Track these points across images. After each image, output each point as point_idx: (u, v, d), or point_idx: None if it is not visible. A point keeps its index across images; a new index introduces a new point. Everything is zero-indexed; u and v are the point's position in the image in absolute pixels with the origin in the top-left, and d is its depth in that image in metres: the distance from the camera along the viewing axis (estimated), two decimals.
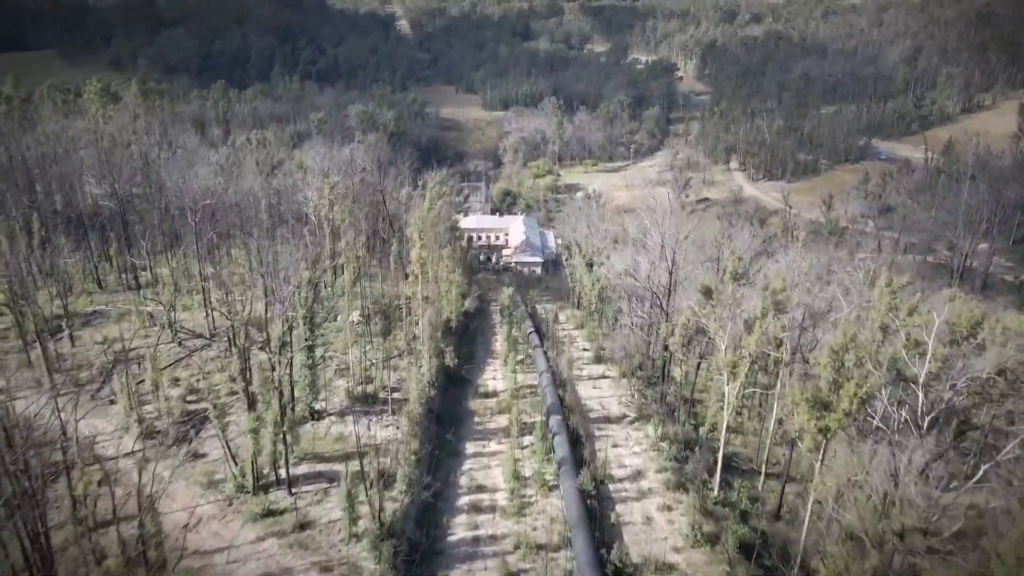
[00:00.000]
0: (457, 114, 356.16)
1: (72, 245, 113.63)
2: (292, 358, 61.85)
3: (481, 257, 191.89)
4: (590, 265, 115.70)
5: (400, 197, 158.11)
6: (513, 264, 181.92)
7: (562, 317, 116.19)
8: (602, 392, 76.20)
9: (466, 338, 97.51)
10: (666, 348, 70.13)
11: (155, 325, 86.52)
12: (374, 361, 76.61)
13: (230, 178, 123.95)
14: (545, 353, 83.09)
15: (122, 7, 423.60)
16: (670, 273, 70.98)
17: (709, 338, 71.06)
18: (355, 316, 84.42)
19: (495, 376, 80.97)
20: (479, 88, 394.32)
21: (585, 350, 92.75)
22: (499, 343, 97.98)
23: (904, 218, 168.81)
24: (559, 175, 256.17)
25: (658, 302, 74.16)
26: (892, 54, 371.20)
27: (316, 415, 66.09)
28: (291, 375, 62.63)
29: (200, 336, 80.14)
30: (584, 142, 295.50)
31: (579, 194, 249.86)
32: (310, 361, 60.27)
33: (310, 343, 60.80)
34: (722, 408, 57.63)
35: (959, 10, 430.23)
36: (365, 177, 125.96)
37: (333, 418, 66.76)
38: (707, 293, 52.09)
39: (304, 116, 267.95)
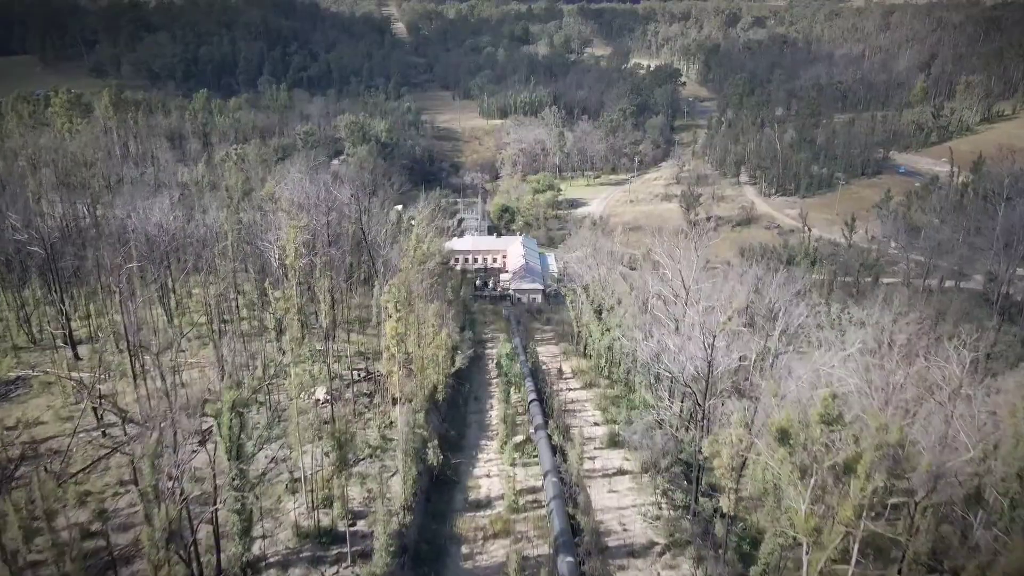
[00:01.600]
0: (453, 123, 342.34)
1: (16, 283, 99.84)
2: (216, 509, 47.70)
3: (477, 282, 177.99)
4: (599, 312, 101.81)
5: (386, 222, 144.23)
6: (511, 292, 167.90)
7: (567, 368, 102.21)
8: (621, 499, 61.85)
9: (456, 409, 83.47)
10: (703, 457, 56.41)
11: (83, 399, 72.57)
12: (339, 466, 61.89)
13: (191, 211, 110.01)
14: (550, 437, 69.13)
15: (106, 11, 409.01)
16: (709, 364, 56.92)
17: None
18: (320, 393, 70.51)
19: (490, 472, 66.90)
20: (476, 95, 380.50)
21: (596, 424, 78.79)
22: (495, 412, 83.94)
23: (938, 244, 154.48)
24: (560, 190, 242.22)
25: (689, 391, 59.47)
26: (903, 60, 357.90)
27: (250, 569, 50.61)
28: (215, 523, 48.34)
29: (132, 421, 66.23)
30: (586, 153, 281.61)
31: (582, 211, 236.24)
32: (239, 505, 45.72)
33: (237, 486, 45.84)
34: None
35: (967, 13, 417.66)
36: (342, 208, 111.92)
37: (273, 573, 51.28)
38: (783, 438, 38.55)
39: (291, 127, 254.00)
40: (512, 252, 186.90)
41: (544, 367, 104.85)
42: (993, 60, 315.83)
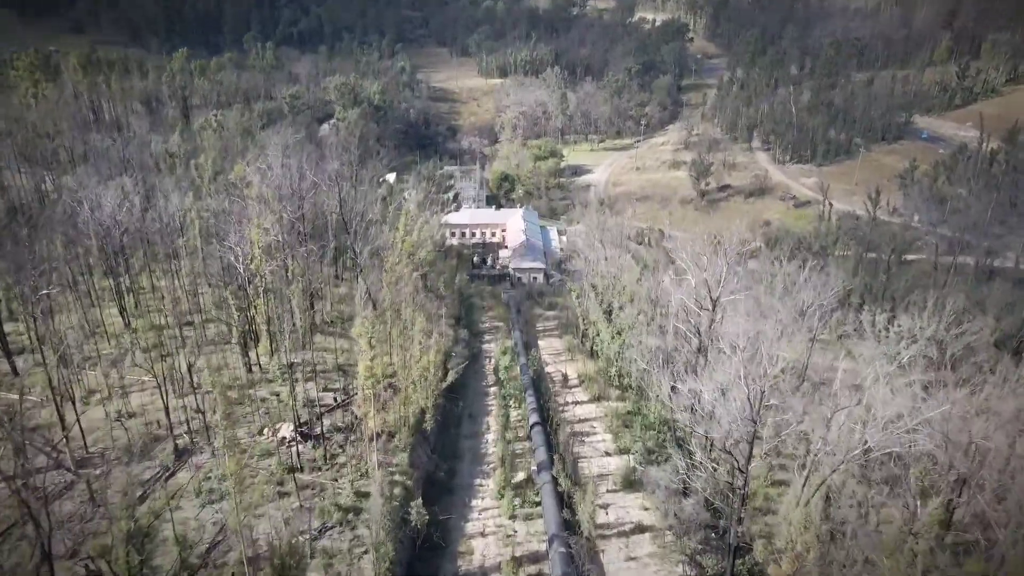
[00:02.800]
0: (450, 82, 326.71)
1: None
2: None
3: (475, 259, 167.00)
4: (608, 312, 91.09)
5: (376, 198, 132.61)
6: (511, 271, 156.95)
7: (572, 372, 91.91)
8: (641, 570, 51.66)
9: (447, 434, 73.07)
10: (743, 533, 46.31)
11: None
12: (302, 536, 50.78)
13: (152, 197, 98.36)
14: (555, 481, 58.80)
15: None
16: (754, 422, 45.89)
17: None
18: (285, 431, 60.18)
19: (485, 528, 56.40)
20: (475, 52, 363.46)
21: (608, 455, 68.56)
22: (492, 436, 73.67)
23: (973, 224, 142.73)
24: (562, 156, 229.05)
25: (728, 455, 48.23)
26: (923, 15, 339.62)
27: None
28: None
29: (61, 466, 55.90)
30: (589, 116, 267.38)
31: (585, 179, 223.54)
32: None
33: None
34: None
35: None
36: (328, 184, 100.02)
37: None
38: None
39: (278, 89, 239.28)
40: (512, 226, 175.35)
41: (547, 370, 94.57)
42: (1020, 15, 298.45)
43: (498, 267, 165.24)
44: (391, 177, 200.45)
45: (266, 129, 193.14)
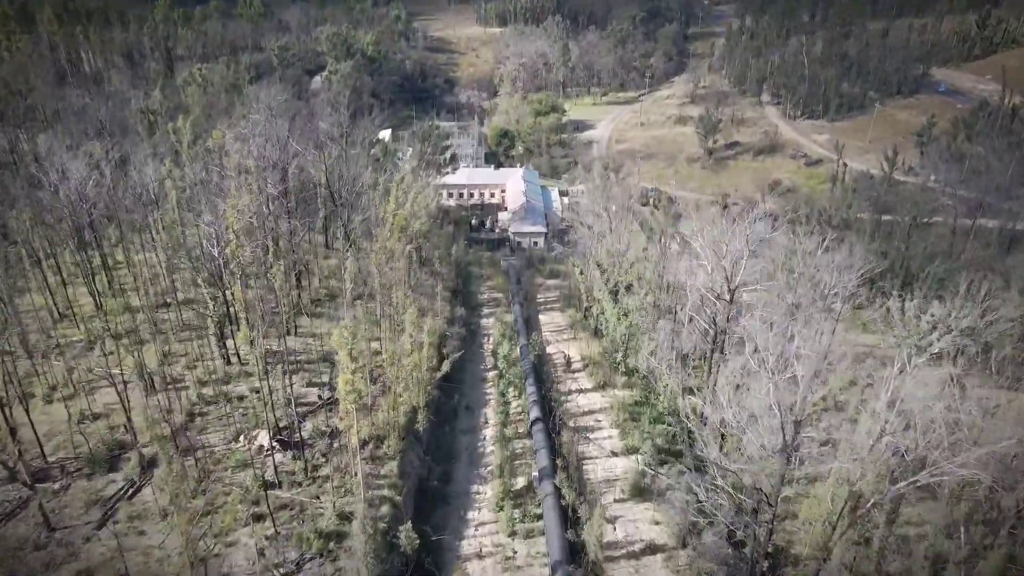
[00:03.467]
0: (447, 31, 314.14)
1: None
2: None
3: (473, 222, 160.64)
4: (615, 293, 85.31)
5: (368, 161, 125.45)
6: (511, 236, 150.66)
7: (576, 354, 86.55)
8: None
9: (442, 430, 67.68)
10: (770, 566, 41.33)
11: None
12: (277, 571, 45.38)
13: (125, 165, 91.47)
14: (559, 492, 53.83)
15: None
16: (788, 456, 39.90)
17: None
18: (262, 439, 54.91)
19: (482, 548, 51.29)
20: None
21: (615, 454, 63.52)
22: (490, 431, 68.57)
23: (996, 187, 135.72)
24: (564, 111, 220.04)
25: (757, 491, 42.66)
26: None
27: None
28: None
29: (16, 479, 50.57)
30: (592, 67, 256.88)
31: (588, 135, 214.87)
32: None
33: None
34: None
35: None
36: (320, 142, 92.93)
37: None
38: None
39: (266, 40, 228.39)
40: (511, 187, 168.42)
41: (548, 351, 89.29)
42: None
43: (497, 230, 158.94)
44: (386, 135, 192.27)
45: (255, 83, 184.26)
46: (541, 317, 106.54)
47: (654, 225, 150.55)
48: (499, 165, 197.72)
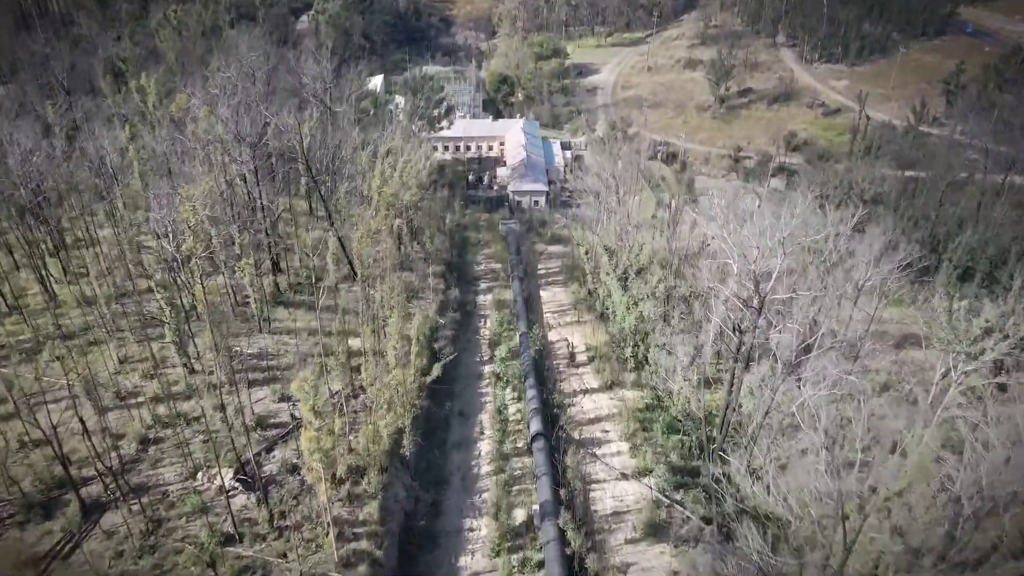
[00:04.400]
0: None
1: None
2: None
3: (470, 177, 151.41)
4: (624, 279, 77.30)
5: (354, 121, 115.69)
6: (510, 195, 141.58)
7: (580, 343, 79.32)
8: None
9: (431, 444, 60.39)
10: None
11: None
12: None
13: (80, 134, 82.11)
14: (563, 535, 47.00)
15: None
16: (844, 520, 32.50)
17: None
18: (224, 476, 47.71)
19: None
20: None
21: (625, 476, 56.66)
22: (486, 446, 61.53)
23: None
24: (567, 55, 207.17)
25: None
26: None
27: None
28: None
29: None
30: (597, 5, 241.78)
31: (592, 80, 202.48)
32: None
33: None
34: None
35: None
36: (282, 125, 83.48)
37: None
38: None
39: None
40: (511, 140, 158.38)
41: (550, 337, 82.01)
42: None
43: (496, 187, 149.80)
44: (377, 82, 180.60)
45: (235, 26, 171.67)
46: (542, 293, 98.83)
47: (664, 186, 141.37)
48: (498, 114, 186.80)
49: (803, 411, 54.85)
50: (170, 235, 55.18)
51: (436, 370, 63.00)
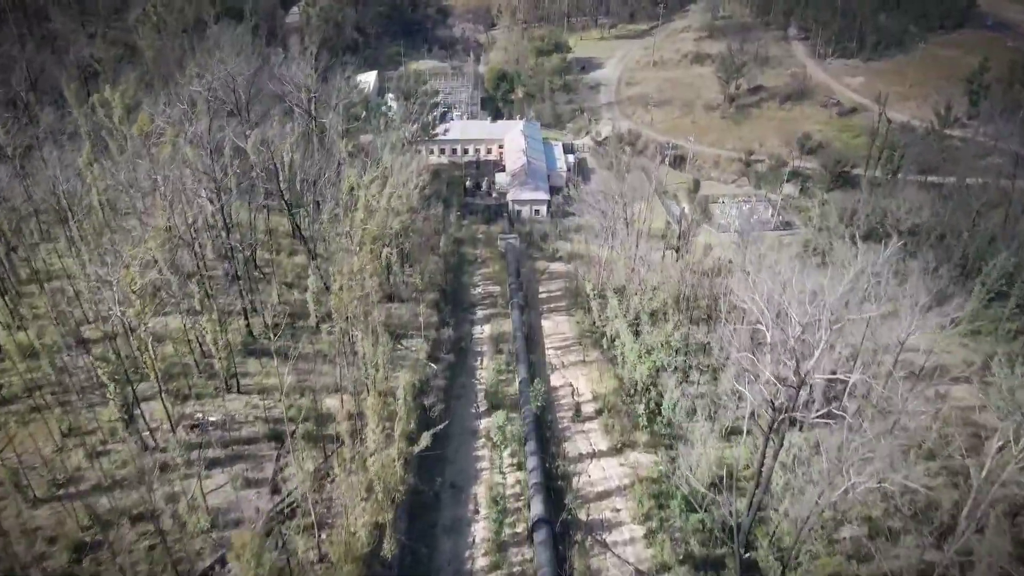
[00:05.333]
0: None
1: None
2: None
3: (468, 183, 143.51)
4: (636, 323, 69.77)
5: (341, 126, 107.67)
6: (510, 203, 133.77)
7: (587, 390, 72.09)
8: None
9: (418, 529, 52.94)
10: None
11: None
12: None
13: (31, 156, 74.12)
14: None
15: None
16: None
17: None
18: None
19: None
20: None
21: (639, 572, 49.50)
22: (480, 536, 53.98)
23: None
24: (569, 49, 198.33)
25: None
26: None
27: None
28: None
29: None
30: None
31: (595, 76, 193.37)
32: None
33: None
34: None
35: None
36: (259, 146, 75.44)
37: None
38: None
39: None
40: (510, 143, 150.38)
41: (553, 381, 74.70)
42: None
43: (494, 193, 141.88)
44: (370, 79, 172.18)
45: (220, 22, 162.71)
46: (544, 323, 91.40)
47: (675, 200, 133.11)
48: (497, 114, 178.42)
49: (846, 499, 47.88)
50: (114, 297, 47.60)
51: (425, 439, 55.63)
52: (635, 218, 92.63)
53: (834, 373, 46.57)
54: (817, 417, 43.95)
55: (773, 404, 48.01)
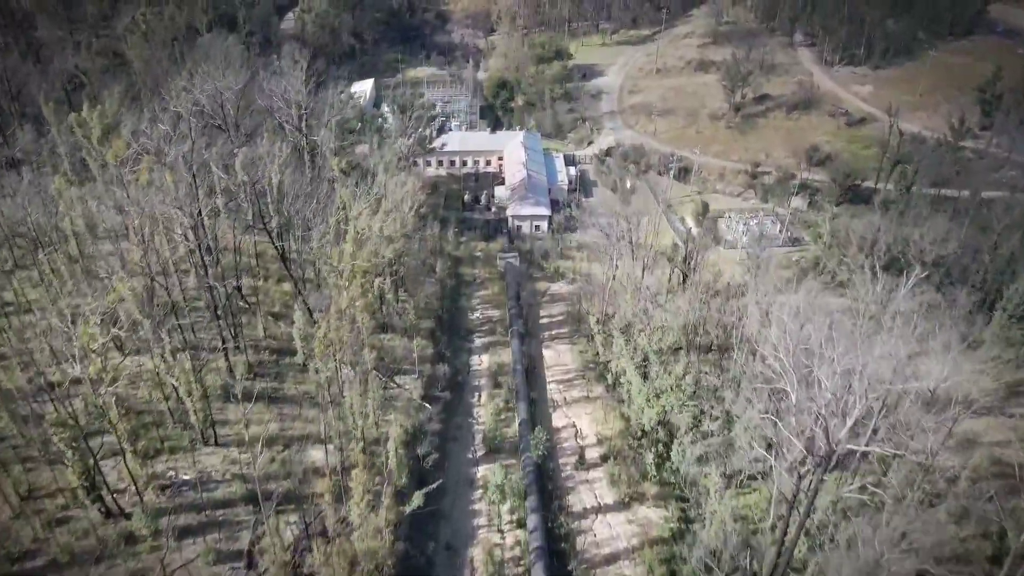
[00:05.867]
0: None
1: None
2: None
3: (466, 197, 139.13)
4: (644, 364, 65.42)
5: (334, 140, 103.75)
6: (510, 219, 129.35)
7: (589, 426, 67.86)
8: None
9: None
10: None
11: None
12: None
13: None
14: None
15: None
16: None
17: None
18: None
19: None
20: None
21: None
22: None
23: None
24: (570, 56, 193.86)
25: None
26: None
27: None
28: None
29: None
30: (602, 0, 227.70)
31: (596, 83, 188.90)
32: None
33: None
34: None
35: None
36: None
37: None
38: None
39: None
40: (510, 155, 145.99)
41: (556, 424, 70.41)
42: None
43: (493, 207, 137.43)
44: (366, 88, 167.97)
45: (213, 30, 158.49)
46: (545, 352, 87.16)
47: (680, 219, 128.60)
48: (496, 123, 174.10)
49: None
50: (75, 357, 43.25)
51: (417, 499, 51.45)
52: (640, 242, 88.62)
53: (869, 447, 42.02)
54: (850, 492, 39.59)
55: (799, 471, 43.78)
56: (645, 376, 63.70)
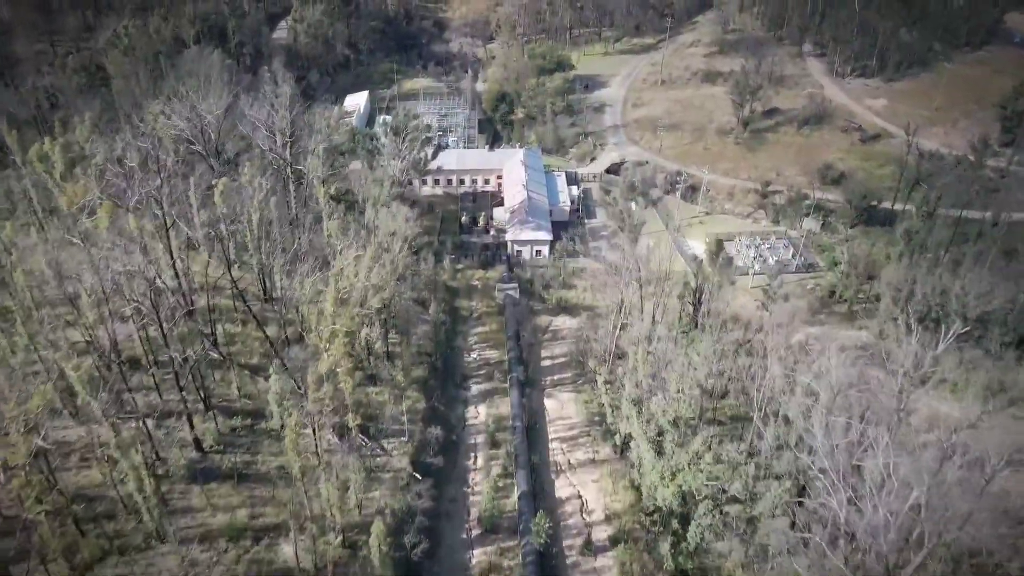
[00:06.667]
0: None
1: None
2: None
3: (463, 218, 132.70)
4: (658, 438, 58.72)
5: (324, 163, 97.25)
6: (510, 244, 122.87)
7: (598, 504, 61.28)
8: None
9: None
10: None
11: None
12: None
13: None
14: None
15: None
16: None
17: None
18: None
19: None
20: None
21: None
22: None
23: None
24: (572, 67, 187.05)
25: None
26: None
27: None
28: None
29: None
30: (604, 7, 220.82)
31: (599, 95, 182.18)
32: None
33: None
34: None
35: None
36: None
37: None
38: None
39: None
40: (510, 174, 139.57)
41: (560, 495, 63.92)
42: None
43: (492, 230, 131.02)
44: (362, 99, 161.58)
45: (200, 42, 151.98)
46: (547, 403, 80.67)
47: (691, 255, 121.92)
48: (495, 137, 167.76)
49: None
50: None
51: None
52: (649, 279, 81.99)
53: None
54: None
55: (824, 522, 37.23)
56: (659, 451, 57.07)
